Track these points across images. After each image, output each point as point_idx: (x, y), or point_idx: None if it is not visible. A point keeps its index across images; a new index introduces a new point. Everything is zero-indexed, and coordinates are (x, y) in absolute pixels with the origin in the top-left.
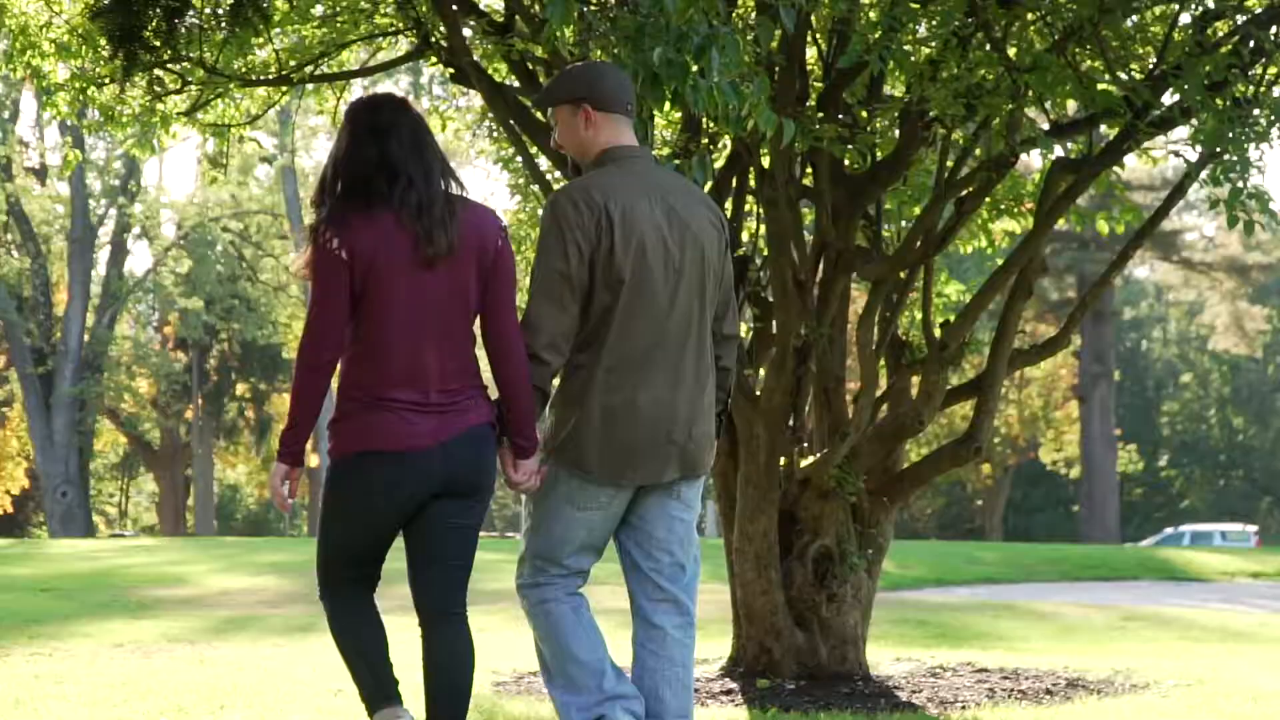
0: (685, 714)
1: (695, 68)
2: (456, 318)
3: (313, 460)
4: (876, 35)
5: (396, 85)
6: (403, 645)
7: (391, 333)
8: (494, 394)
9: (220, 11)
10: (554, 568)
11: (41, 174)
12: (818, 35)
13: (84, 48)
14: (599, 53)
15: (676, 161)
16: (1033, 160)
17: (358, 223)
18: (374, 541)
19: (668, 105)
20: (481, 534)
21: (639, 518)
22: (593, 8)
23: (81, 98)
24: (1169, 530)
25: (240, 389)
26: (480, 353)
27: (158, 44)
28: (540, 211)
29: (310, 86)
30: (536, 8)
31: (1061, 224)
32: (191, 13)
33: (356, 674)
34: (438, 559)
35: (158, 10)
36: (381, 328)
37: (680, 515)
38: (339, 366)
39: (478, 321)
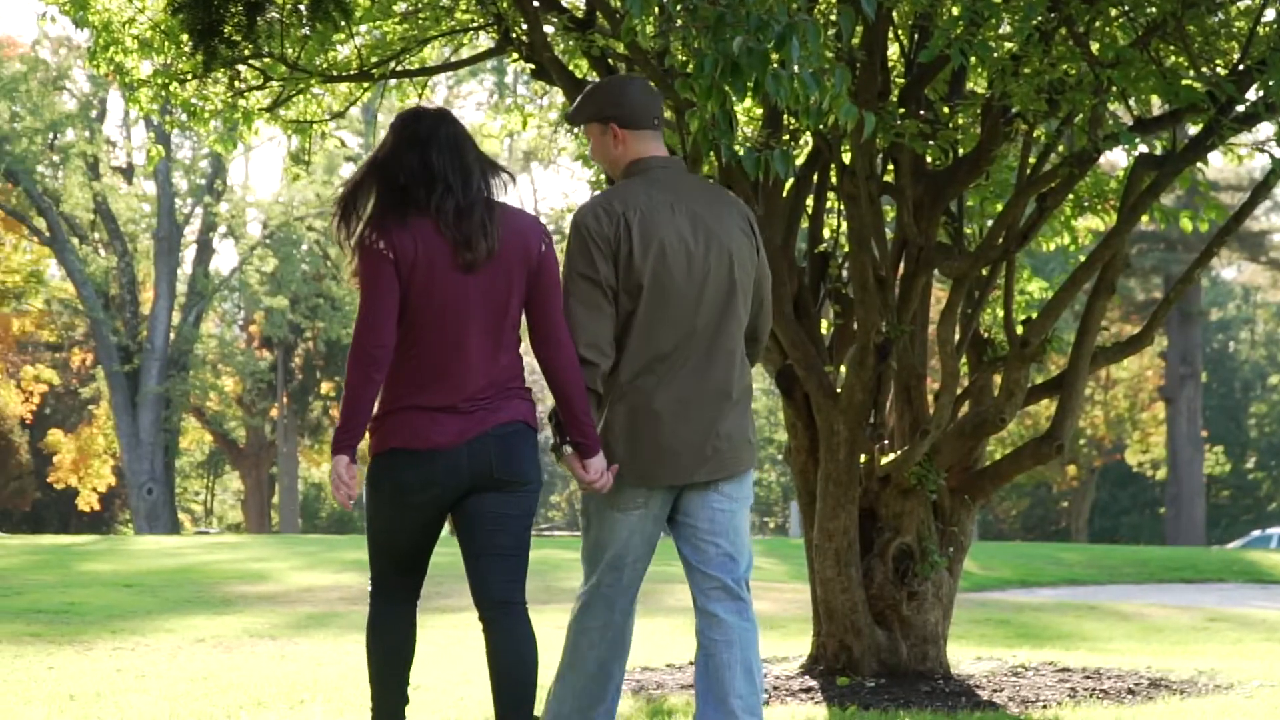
0: (749, 697)
1: (776, 57)
2: (497, 322)
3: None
4: (958, 31)
5: (481, 85)
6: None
7: (432, 336)
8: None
9: (301, 7)
10: (595, 575)
11: (128, 173)
12: (899, 31)
13: (166, 44)
14: (679, 44)
15: (757, 155)
16: (1116, 158)
17: (399, 227)
18: (411, 539)
19: (748, 98)
20: (561, 533)
21: (683, 514)
22: None
23: (164, 94)
24: (1256, 533)
25: (325, 387)
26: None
27: (238, 39)
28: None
29: (392, 83)
30: (617, 1)
31: (1146, 223)
32: (272, 8)
33: (372, 690)
34: (484, 550)
35: (238, 6)
36: (422, 331)
37: (721, 507)
38: None
39: (527, 326)
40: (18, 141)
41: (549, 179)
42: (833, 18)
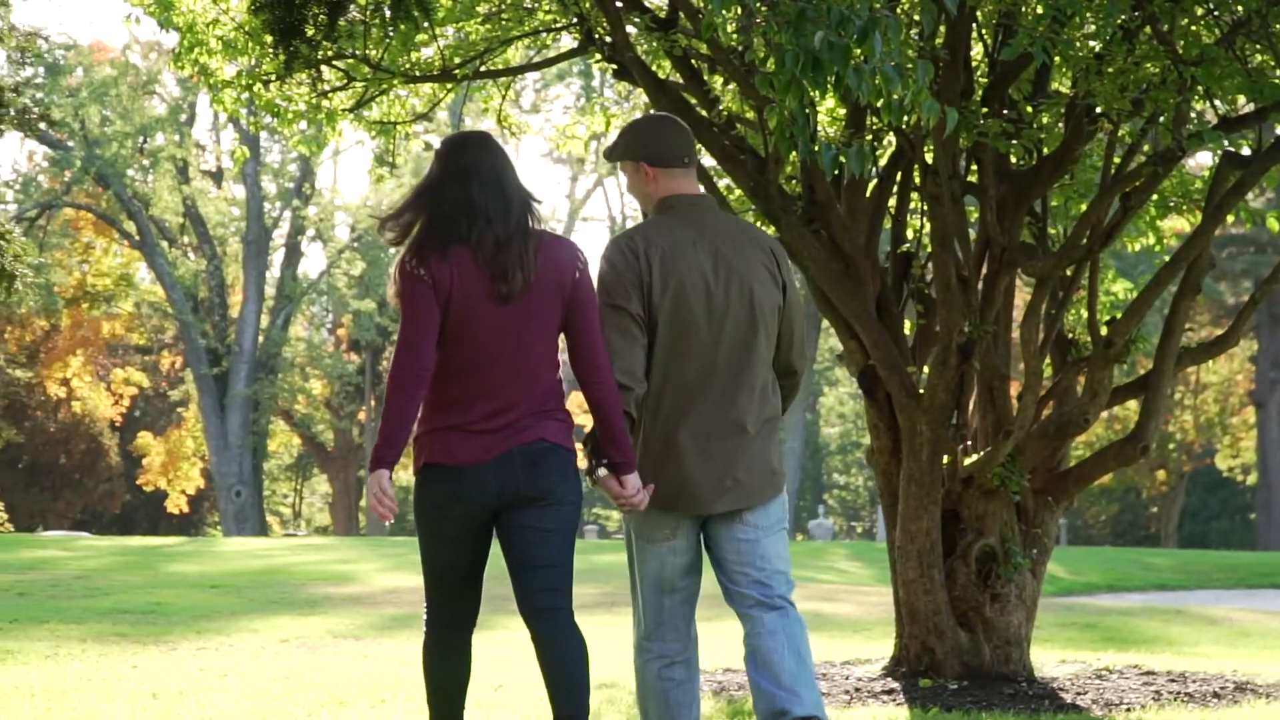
0: (803, 674)
1: (858, 52)
2: (534, 349)
3: None
4: (1041, 29)
5: (568, 89)
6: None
7: (469, 362)
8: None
9: (384, 7)
10: (640, 609)
11: (218, 176)
12: (983, 30)
13: (250, 45)
14: (760, 40)
15: (834, 154)
16: (1203, 158)
17: (438, 256)
18: (450, 558)
19: (831, 98)
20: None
21: (711, 543)
22: None
23: (248, 95)
24: None
25: None
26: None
27: (319, 39)
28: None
29: (475, 84)
30: (699, 1)
31: (1234, 225)
32: (354, 8)
33: (430, 711)
34: (523, 563)
35: (320, 6)
36: (460, 357)
37: (746, 537)
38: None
39: (566, 347)
40: (108, 146)
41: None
42: (916, 16)
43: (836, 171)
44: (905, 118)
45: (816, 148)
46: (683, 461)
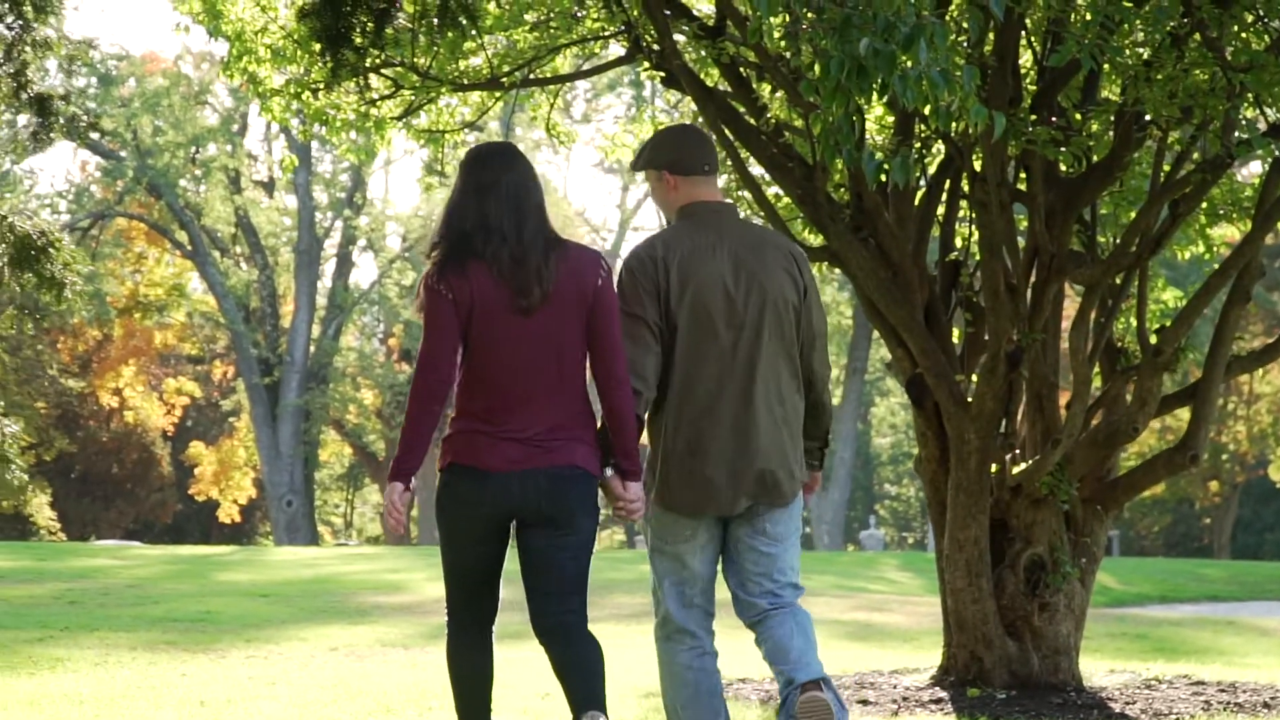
0: (807, 652)
1: (904, 58)
2: (558, 358)
3: None
4: (1090, 36)
5: (619, 98)
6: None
7: (493, 368)
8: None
9: (427, 13)
10: (668, 606)
11: (269, 186)
12: (1032, 38)
13: (298, 53)
14: (806, 47)
15: (877, 164)
16: (1252, 166)
17: (458, 272)
18: (469, 558)
19: (879, 105)
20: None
21: (731, 547)
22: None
23: (296, 103)
24: None
25: None
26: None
27: (365, 46)
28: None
29: (523, 92)
30: (746, 8)
31: None
32: (400, 15)
33: (457, 713)
34: (537, 586)
35: (366, 13)
36: (485, 368)
37: (765, 549)
38: (457, 383)
39: (588, 353)
40: (160, 156)
41: None
42: (964, 23)
43: (883, 179)
44: (953, 124)
45: (861, 156)
46: (705, 463)
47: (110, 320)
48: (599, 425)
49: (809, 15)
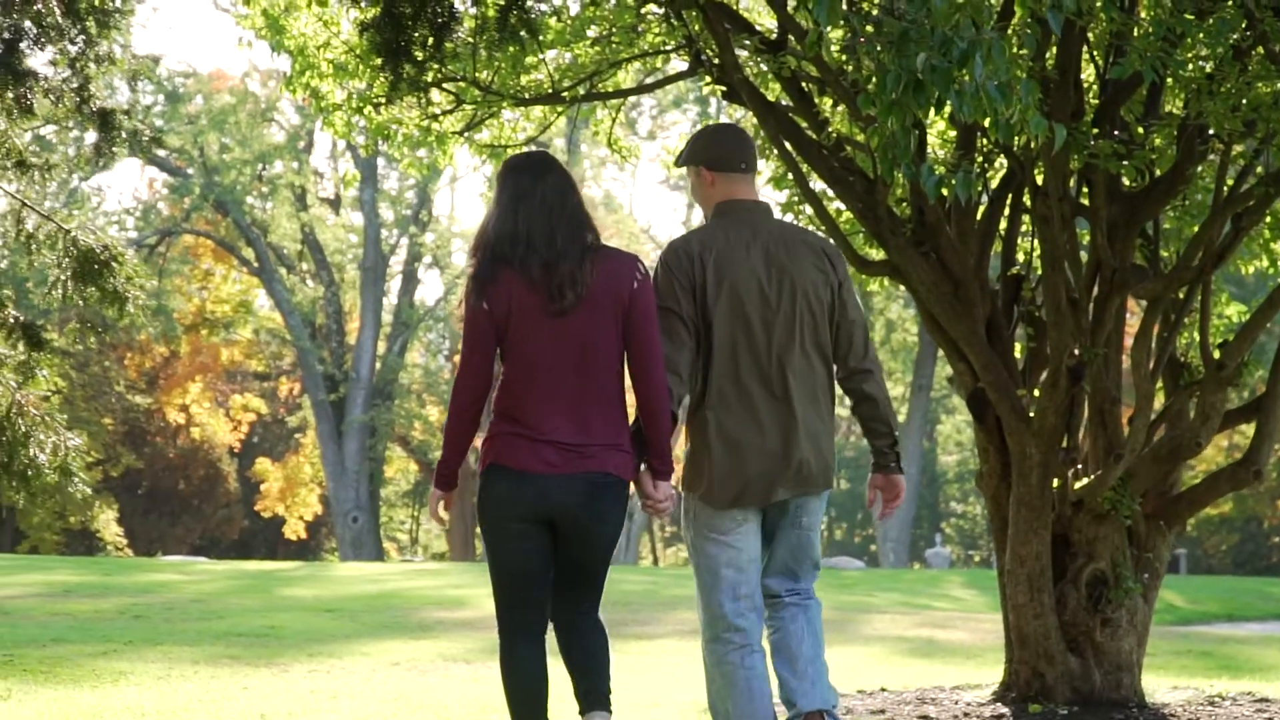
0: (816, 662)
1: (961, 73)
2: (595, 362)
3: None
4: (1152, 49)
5: (685, 115)
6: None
7: (531, 373)
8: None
9: (487, 27)
10: (716, 607)
11: (335, 204)
12: (1095, 52)
13: (360, 67)
14: (866, 60)
15: (938, 179)
16: None
17: (492, 282)
18: (517, 555)
19: (934, 115)
20: None
21: (766, 533)
22: (858, 10)
23: (359, 117)
24: None
25: None
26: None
27: (424, 59)
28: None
29: (585, 107)
30: (806, 22)
31: None
32: (459, 27)
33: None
34: (565, 585)
35: (425, 26)
36: (521, 367)
37: (795, 537)
38: (493, 394)
39: (626, 355)
40: (227, 173)
41: None
42: (1023, 36)
43: (944, 193)
44: (1014, 137)
45: (920, 170)
46: (748, 457)
47: (177, 337)
48: (633, 422)
49: (868, 29)
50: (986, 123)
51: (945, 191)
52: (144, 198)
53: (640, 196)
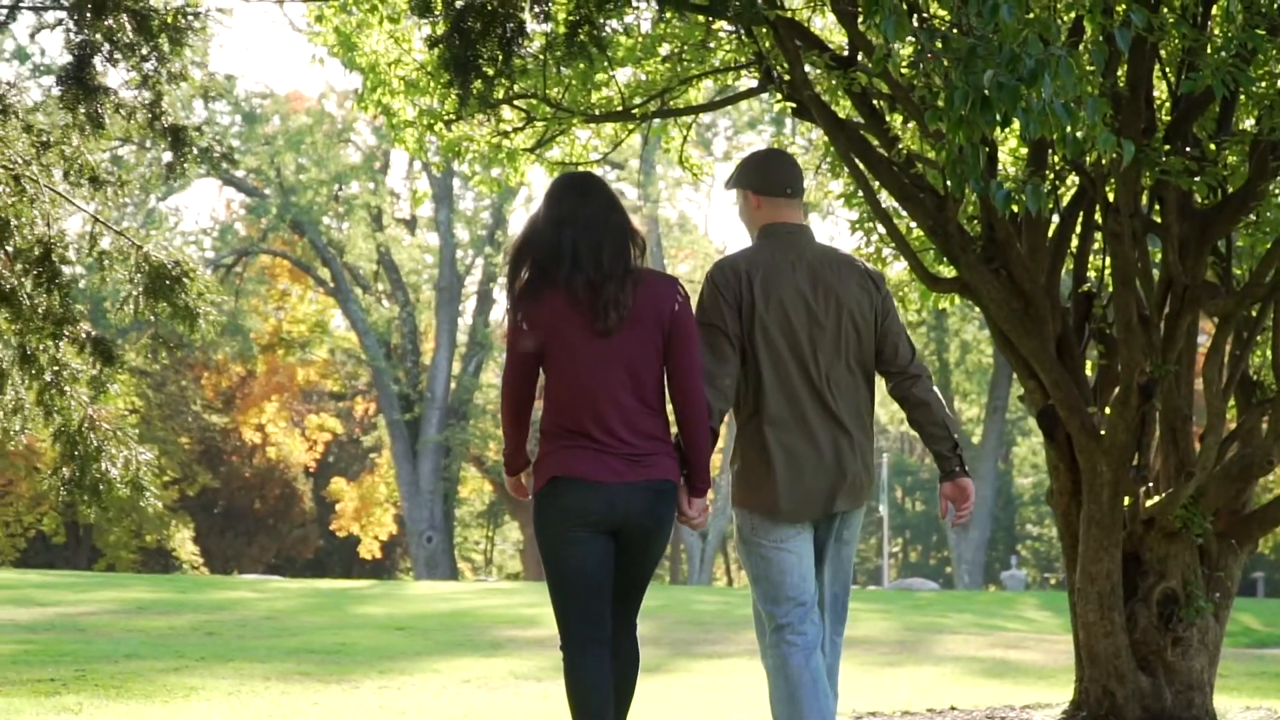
0: (832, 670)
1: (1030, 91)
2: (638, 379)
3: None
4: (1225, 63)
5: (760, 135)
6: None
7: (576, 388)
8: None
9: (555, 44)
10: (780, 615)
11: (411, 224)
12: (1166, 68)
13: (431, 84)
14: (937, 76)
15: (1006, 193)
16: None
17: (535, 301)
18: (576, 562)
19: (1003, 131)
20: None
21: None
22: (926, 26)
23: (430, 134)
24: None
25: None
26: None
27: (493, 74)
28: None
29: (656, 125)
30: (875, 38)
31: None
32: (527, 42)
33: None
34: (616, 588)
35: (493, 41)
36: (567, 384)
37: (840, 553)
38: (543, 407)
39: (666, 375)
40: (304, 193)
41: (822, 226)
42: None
43: (1015, 209)
44: (1085, 154)
45: (990, 185)
46: (805, 470)
47: (253, 357)
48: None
49: (936, 44)
50: (1056, 138)
51: (1015, 206)
52: (221, 218)
53: (716, 217)
